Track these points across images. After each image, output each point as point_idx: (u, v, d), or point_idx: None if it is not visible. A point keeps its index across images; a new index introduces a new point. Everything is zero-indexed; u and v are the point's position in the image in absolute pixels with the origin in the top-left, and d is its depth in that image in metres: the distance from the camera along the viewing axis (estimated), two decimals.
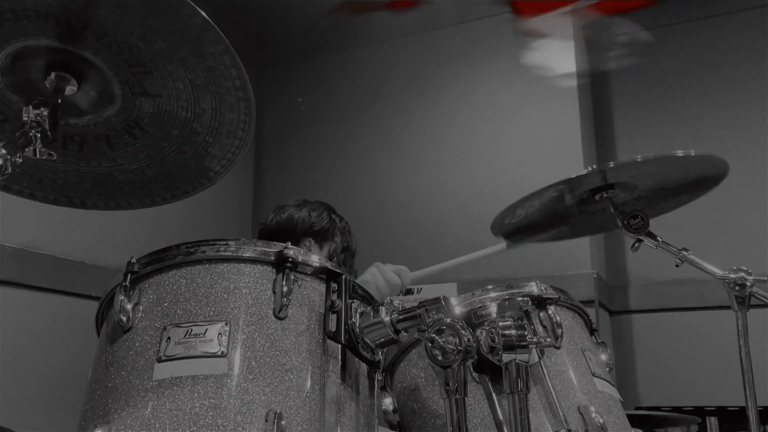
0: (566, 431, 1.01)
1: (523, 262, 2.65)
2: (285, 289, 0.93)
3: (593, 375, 1.14)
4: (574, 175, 1.31)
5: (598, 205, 1.45)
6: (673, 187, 1.45)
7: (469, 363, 0.85)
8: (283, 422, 0.82)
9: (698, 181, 1.43)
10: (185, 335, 0.89)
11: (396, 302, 0.97)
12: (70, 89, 0.95)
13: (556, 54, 2.93)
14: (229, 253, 0.96)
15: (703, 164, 1.39)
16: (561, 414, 1.03)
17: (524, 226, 1.49)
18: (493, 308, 0.98)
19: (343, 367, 0.96)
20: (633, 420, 1.22)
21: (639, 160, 1.30)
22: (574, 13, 2.97)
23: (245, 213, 3.36)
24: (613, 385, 1.19)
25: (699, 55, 3.05)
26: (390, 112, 3.23)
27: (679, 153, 1.30)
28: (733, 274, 1.29)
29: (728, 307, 1.31)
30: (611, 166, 1.32)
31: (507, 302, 0.92)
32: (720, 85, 2.98)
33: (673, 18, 3.11)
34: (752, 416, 1.29)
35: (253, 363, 0.88)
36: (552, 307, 1.13)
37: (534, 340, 0.88)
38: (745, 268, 1.29)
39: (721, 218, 2.83)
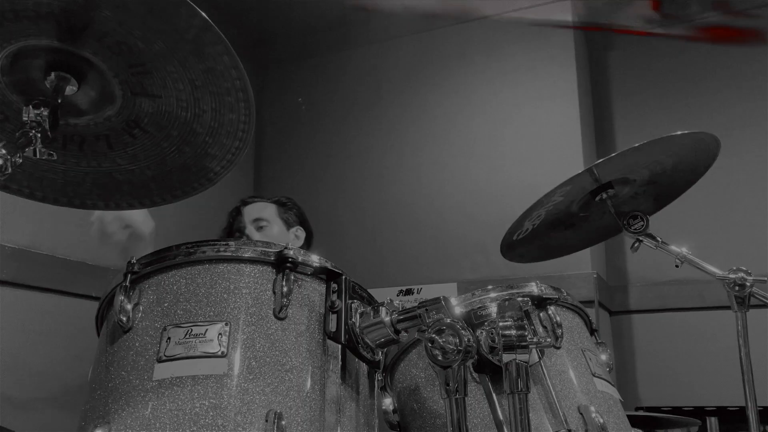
0: (566, 431, 1.01)
1: None
2: (285, 289, 0.93)
3: (593, 375, 1.15)
4: (569, 177, 1.30)
5: (600, 208, 1.44)
6: (669, 174, 1.44)
7: (469, 363, 0.85)
8: (283, 422, 0.82)
9: (693, 162, 1.43)
10: (185, 335, 0.89)
11: (396, 302, 0.97)
12: (70, 89, 0.95)
13: (557, 53, 2.93)
14: (229, 254, 0.96)
15: (692, 144, 1.37)
16: (561, 414, 1.03)
17: (531, 239, 1.48)
18: (493, 308, 0.98)
19: (343, 367, 0.96)
20: (633, 420, 1.22)
21: (616, 154, 1.29)
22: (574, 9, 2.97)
23: None
24: (613, 385, 1.19)
25: (701, 54, 3.05)
26: (390, 111, 3.23)
27: (660, 136, 1.28)
28: (733, 275, 1.29)
29: (728, 308, 1.31)
30: (600, 162, 1.31)
31: (507, 302, 0.92)
32: (723, 85, 2.97)
33: (675, 16, 3.11)
34: (752, 416, 1.29)
35: (253, 363, 0.88)
36: (552, 307, 1.13)
37: (534, 340, 0.88)
38: (744, 268, 1.29)
39: (721, 218, 2.83)
